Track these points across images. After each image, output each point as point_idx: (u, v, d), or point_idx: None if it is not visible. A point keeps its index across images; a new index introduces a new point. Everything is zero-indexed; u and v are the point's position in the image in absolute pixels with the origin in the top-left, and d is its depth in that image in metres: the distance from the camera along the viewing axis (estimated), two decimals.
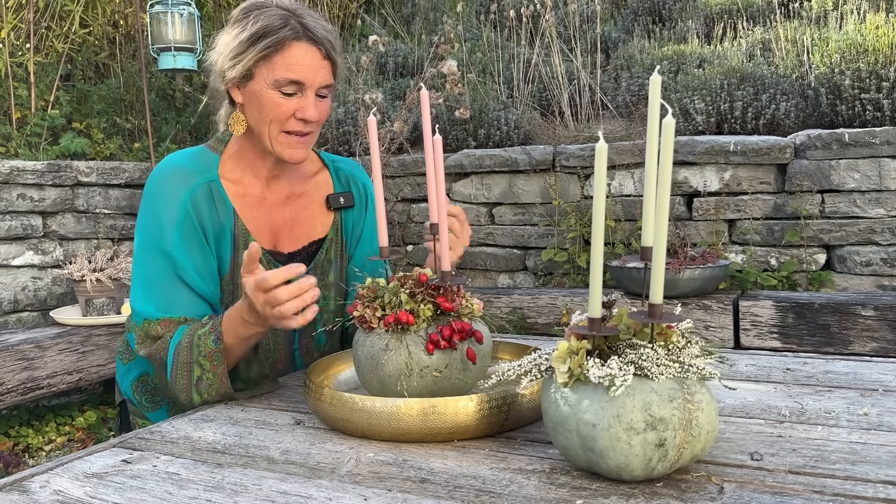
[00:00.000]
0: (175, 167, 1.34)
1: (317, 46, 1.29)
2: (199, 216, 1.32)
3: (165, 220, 1.30)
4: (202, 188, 1.33)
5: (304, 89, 1.29)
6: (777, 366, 1.31)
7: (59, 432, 3.01)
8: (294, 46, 1.27)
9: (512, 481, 0.84)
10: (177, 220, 1.30)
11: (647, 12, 5.14)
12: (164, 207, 1.30)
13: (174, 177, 1.32)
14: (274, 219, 1.41)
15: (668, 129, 0.76)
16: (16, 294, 3.33)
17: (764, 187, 3.19)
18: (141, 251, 1.32)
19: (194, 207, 1.31)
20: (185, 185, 1.32)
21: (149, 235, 1.31)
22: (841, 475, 0.82)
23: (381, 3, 6.07)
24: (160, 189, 1.32)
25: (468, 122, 3.93)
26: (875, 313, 2.59)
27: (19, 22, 4.26)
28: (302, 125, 1.31)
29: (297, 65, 1.27)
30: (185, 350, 1.23)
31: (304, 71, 1.28)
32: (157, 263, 1.30)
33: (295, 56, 1.27)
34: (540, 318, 3.15)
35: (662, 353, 0.81)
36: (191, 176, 1.33)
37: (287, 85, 1.28)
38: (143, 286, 1.31)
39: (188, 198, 1.31)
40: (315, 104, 1.30)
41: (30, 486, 0.90)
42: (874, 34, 3.38)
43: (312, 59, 1.28)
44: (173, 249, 1.29)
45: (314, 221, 1.45)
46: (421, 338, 1.04)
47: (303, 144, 1.33)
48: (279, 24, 1.27)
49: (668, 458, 0.79)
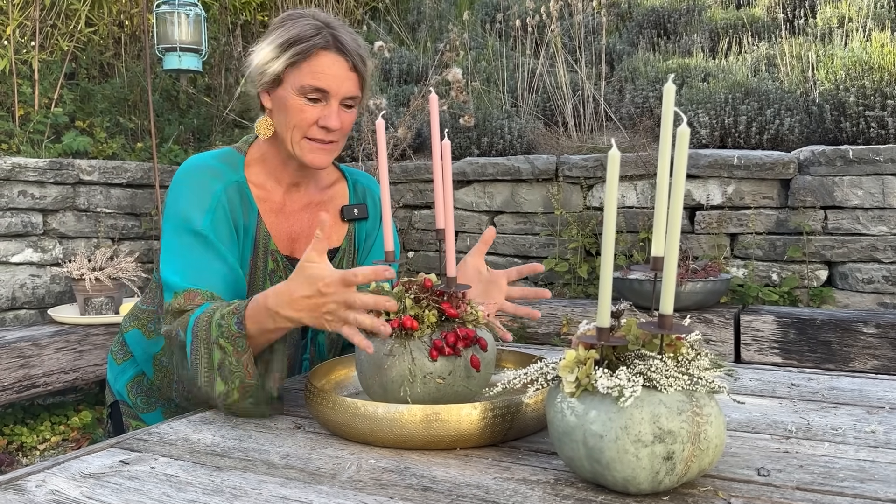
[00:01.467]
0: (205, 165, 1.34)
1: (344, 57, 1.30)
2: (231, 209, 1.32)
3: (196, 207, 1.28)
4: (233, 186, 1.34)
5: (329, 98, 1.30)
6: (782, 381, 1.30)
7: (53, 431, 2.99)
8: (322, 55, 1.29)
9: (516, 492, 0.83)
10: (209, 207, 1.29)
11: (653, 25, 5.15)
12: (194, 197, 1.29)
13: (206, 172, 1.33)
14: (292, 225, 1.42)
15: (683, 138, 0.75)
16: (14, 291, 3.32)
17: (767, 202, 3.19)
18: (170, 236, 1.29)
19: (228, 201, 1.32)
20: (218, 180, 1.32)
21: (178, 221, 1.28)
22: (850, 493, 0.80)
23: (386, 10, 6.08)
24: (191, 181, 1.31)
25: (472, 130, 3.93)
26: (877, 331, 2.58)
27: (25, 19, 4.26)
28: (324, 133, 1.31)
29: (323, 73, 1.29)
30: (205, 327, 1.13)
31: (329, 79, 1.29)
32: (186, 240, 1.27)
33: (322, 64, 1.29)
34: (540, 328, 3.14)
35: (672, 365, 0.80)
36: (222, 173, 1.34)
37: (312, 92, 1.29)
38: (172, 260, 1.26)
39: (222, 191, 1.31)
40: (338, 113, 1.31)
41: (25, 485, 0.88)
42: (879, 52, 3.38)
43: (339, 69, 1.29)
44: (203, 229, 1.27)
45: (329, 231, 1.46)
46: (425, 344, 1.03)
47: (325, 151, 1.33)
48: (311, 33, 1.29)
49: (675, 472, 0.78)
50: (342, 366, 1.26)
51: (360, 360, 1.08)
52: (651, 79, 4.20)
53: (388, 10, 6.08)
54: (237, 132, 4.76)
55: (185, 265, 1.25)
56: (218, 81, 5.15)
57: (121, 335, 1.52)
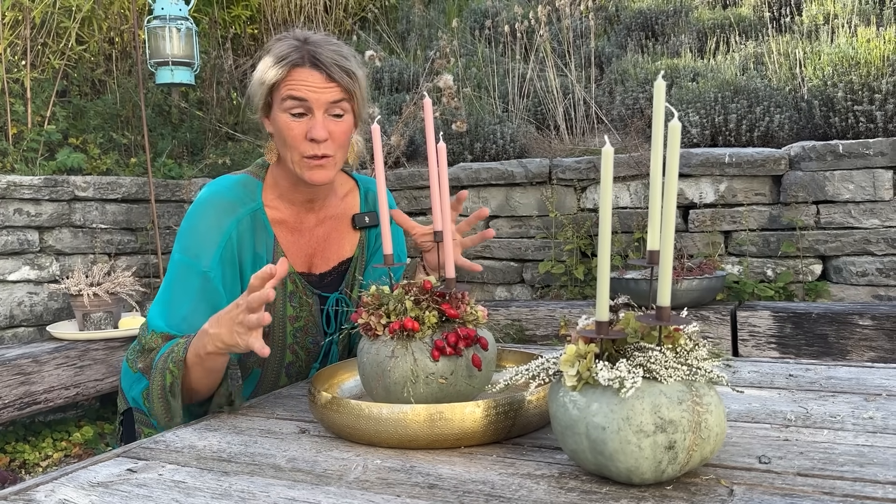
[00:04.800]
0: (221, 198, 1.37)
1: (319, 70, 1.32)
2: (240, 246, 1.36)
3: (207, 243, 1.33)
4: (247, 218, 1.38)
5: (311, 108, 1.32)
6: (780, 372, 1.32)
7: (55, 448, 2.99)
8: (297, 71, 1.32)
9: (521, 486, 0.84)
10: (219, 244, 1.34)
11: (640, 27, 5.19)
12: (206, 232, 1.34)
13: (220, 207, 1.36)
14: (308, 242, 1.46)
15: (675, 132, 0.76)
16: (12, 309, 3.32)
17: (759, 199, 3.21)
18: (176, 269, 1.34)
19: (238, 237, 1.36)
20: (231, 215, 1.36)
21: (187, 256, 1.34)
22: (850, 477, 0.82)
23: (375, 20, 6.11)
24: (205, 216, 1.35)
25: (464, 135, 3.95)
26: (872, 323, 2.60)
27: (16, 38, 4.27)
28: (315, 147, 1.33)
29: (298, 85, 1.32)
30: (164, 358, 1.25)
31: (305, 90, 1.31)
32: (190, 282, 1.32)
33: (297, 79, 1.32)
34: (538, 331, 3.15)
35: (671, 356, 0.82)
36: (237, 206, 1.37)
37: (293, 105, 1.32)
38: (166, 302, 1.33)
39: (234, 227, 1.35)
40: (323, 123, 1.32)
41: (35, 495, 0.89)
42: (866, 47, 3.42)
43: (315, 81, 1.32)
44: (210, 271, 1.32)
45: (343, 241, 1.50)
46: (426, 344, 1.04)
47: (322, 167, 1.35)
48: (289, 51, 1.33)
49: (677, 461, 0.79)
50: (345, 370, 1.27)
51: (363, 364, 1.09)
52: (641, 80, 4.22)
53: (377, 19, 6.10)
54: (230, 145, 4.77)
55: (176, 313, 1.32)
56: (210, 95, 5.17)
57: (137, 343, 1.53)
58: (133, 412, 1.52)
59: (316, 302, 1.46)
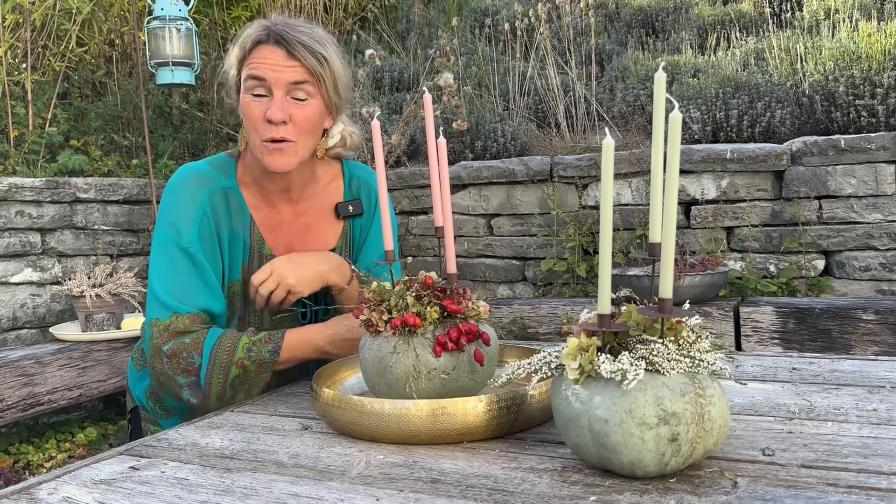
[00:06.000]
0: (194, 172, 1.36)
1: (281, 47, 1.27)
2: (216, 219, 1.34)
3: (184, 219, 1.31)
4: (219, 192, 1.35)
5: (271, 88, 1.28)
6: (783, 366, 1.31)
7: (59, 449, 2.99)
8: (258, 48, 1.29)
9: (524, 480, 0.84)
10: (195, 219, 1.32)
11: (641, 24, 5.19)
12: (182, 208, 1.32)
13: (193, 180, 1.35)
14: (287, 233, 1.42)
15: (675, 123, 0.76)
16: (14, 311, 3.32)
17: (761, 194, 3.20)
18: (160, 249, 1.33)
19: (212, 210, 1.34)
20: (203, 189, 1.34)
21: (168, 234, 1.32)
22: (854, 468, 0.81)
23: (375, 20, 6.11)
24: (179, 191, 1.34)
25: (465, 134, 3.95)
26: (876, 317, 2.60)
27: (16, 41, 4.27)
28: (273, 129, 1.28)
29: (259, 63, 1.28)
30: (227, 351, 1.26)
31: (264, 69, 1.27)
32: (178, 259, 1.31)
33: (258, 56, 1.28)
34: (541, 328, 3.15)
35: (673, 348, 0.81)
36: (210, 180, 1.35)
37: (253, 85, 1.28)
38: (166, 281, 1.31)
39: (207, 200, 1.33)
40: (281, 104, 1.27)
41: (38, 493, 0.89)
42: (867, 41, 3.41)
43: (276, 58, 1.27)
44: (191, 246, 1.31)
45: (326, 232, 1.45)
46: (428, 340, 1.04)
47: (281, 152, 1.29)
48: (257, 29, 1.30)
49: (681, 453, 0.79)
50: (346, 367, 1.27)
51: (365, 360, 1.09)
52: (641, 77, 4.22)
53: (377, 19, 6.10)
54: (231, 145, 4.77)
55: (177, 284, 1.30)
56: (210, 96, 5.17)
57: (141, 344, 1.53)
58: (139, 411, 1.52)
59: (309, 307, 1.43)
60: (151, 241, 1.37)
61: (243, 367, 1.26)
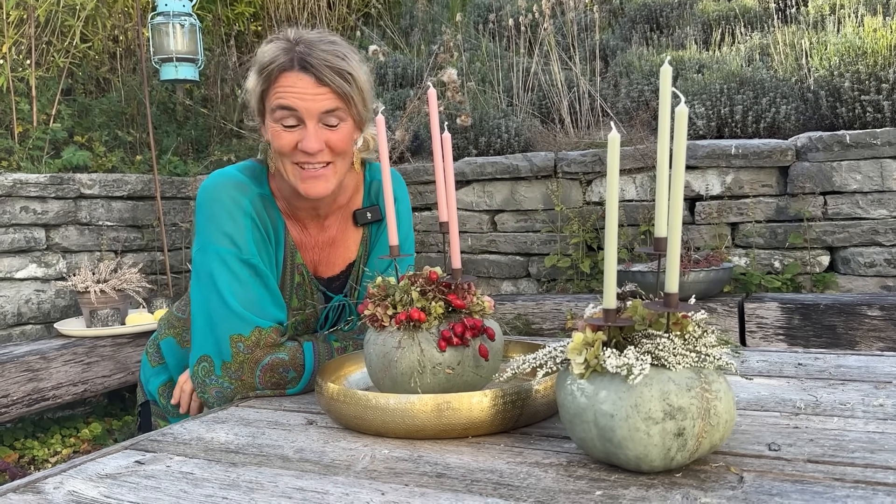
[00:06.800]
0: (230, 178, 1.32)
1: (308, 73, 1.22)
2: (262, 224, 1.32)
3: (237, 229, 1.28)
4: (258, 198, 1.32)
5: (303, 118, 1.23)
6: (788, 361, 1.31)
7: (64, 444, 3.00)
8: (284, 76, 1.23)
9: (529, 474, 0.84)
10: (247, 227, 1.29)
11: (645, 20, 5.17)
12: (231, 218, 1.28)
13: (232, 186, 1.31)
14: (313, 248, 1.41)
15: (682, 117, 0.76)
16: (19, 307, 3.33)
17: (766, 190, 3.20)
18: (222, 263, 1.28)
19: (257, 215, 1.31)
20: (244, 194, 1.31)
21: (226, 248, 1.28)
22: (860, 463, 0.81)
23: (379, 16, 6.10)
24: (221, 199, 1.29)
25: (469, 130, 3.94)
26: (881, 313, 2.59)
27: (21, 37, 4.28)
28: (307, 157, 1.25)
29: (286, 92, 1.23)
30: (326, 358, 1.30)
31: (293, 98, 1.22)
32: (242, 272, 1.28)
33: (285, 85, 1.23)
34: (545, 324, 3.15)
35: (679, 343, 0.81)
36: (246, 186, 1.32)
37: (283, 115, 1.23)
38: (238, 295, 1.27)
39: (250, 206, 1.30)
40: (315, 134, 1.23)
41: (44, 487, 0.89)
42: (872, 37, 3.39)
43: (303, 86, 1.22)
44: (252, 258, 1.28)
45: (348, 243, 1.44)
46: (433, 335, 1.04)
47: (318, 178, 1.27)
48: (277, 55, 1.24)
49: (686, 448, 0.79)
50: (351, 362, 1.27)
51: (370, 354, 1.09)
52: (646, 73, 4.21)
53: (380, 15, 6.10)
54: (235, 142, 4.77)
55: (249, 297, 1.27)
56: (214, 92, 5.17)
57: (156, 340, 1.53)
58: (150, 405, 1.53)
59: (321, 300, 1.43)
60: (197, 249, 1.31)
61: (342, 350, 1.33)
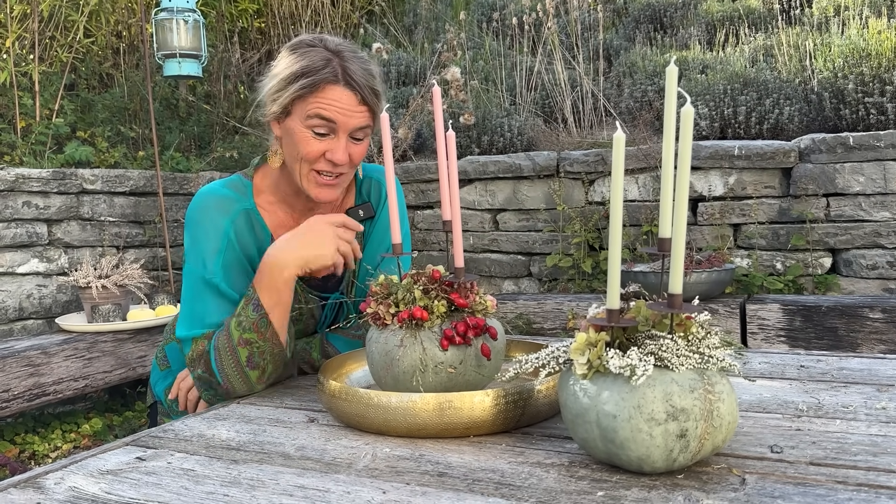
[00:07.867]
0: (214, 195, 1.35)
1: (353, 91, 1.26)
2: (241, 243, 1.34)
3: (208, 250, 1.31)
4: (241, 215, 1.35)
5: (337, 130, 1.27)
6: (791, 363, 1.31)
7: (64, 439, 3.00)
8: (330, 89, 1.25)
9: (531, 474, 0.84)
10: (218, 249, 1.32)
11: (649, 20, 5.16)
12: (205, 238, 1.32)
13: (214, 205, 1.34)
14: None
15: (687, 117, 0.76)
16: (21, 302, 3.33)
17: (769, 191, 3.19)
18: (188, 281, 1.33)
19: (236, 235, 1.33)
20: (225, 214, 1.33)
21: (193, 265, 1.32)
22: (863, 466, 0.81)
23: (382, 14, 6.10)
24: (201, 219, 1.33)
25: (472, 128, 3.94)
26: (883, 316, 2.59)
27: (24, 32, 4.28)
28: (331, 166, 1.29)
29: (331, 105, 1.26)
30: (224, 341, 1.24)
31: (336, 112, 1.26)
32: (202, 292, 1.31)
33: (329, 98, 1.26)
34: (546, 324, 3.14)
35: (682, 344, 0.81)
36: (230, 203, 1.35)
37: (319, 125, 1.26)
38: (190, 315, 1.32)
39: (230, 226, 1.33)
40: (345, 147, 1.28)
41: (45, 483, 0.89)
42: (876, 39, 3.39)
43: (347, 103, 1.26)
44: (214, 277, 1.31)
45: None
46: (435, 334, 1.04)
47: (331, 186, 1.32)
48: (320, 65, 1.26)
49: (689, 449, 0.78)
50: (353, 360, 1.27)
51: (372, 353, 1.09)
52: (649, 73, 4.20)
53: (384, 13, 6.09)
54: (237, 138, 4.77)
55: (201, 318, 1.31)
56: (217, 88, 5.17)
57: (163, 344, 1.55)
58: (157, 405, 1.56)
59: (315, 303, 1.43)
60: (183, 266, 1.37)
61: (248, 343, 1.22)
